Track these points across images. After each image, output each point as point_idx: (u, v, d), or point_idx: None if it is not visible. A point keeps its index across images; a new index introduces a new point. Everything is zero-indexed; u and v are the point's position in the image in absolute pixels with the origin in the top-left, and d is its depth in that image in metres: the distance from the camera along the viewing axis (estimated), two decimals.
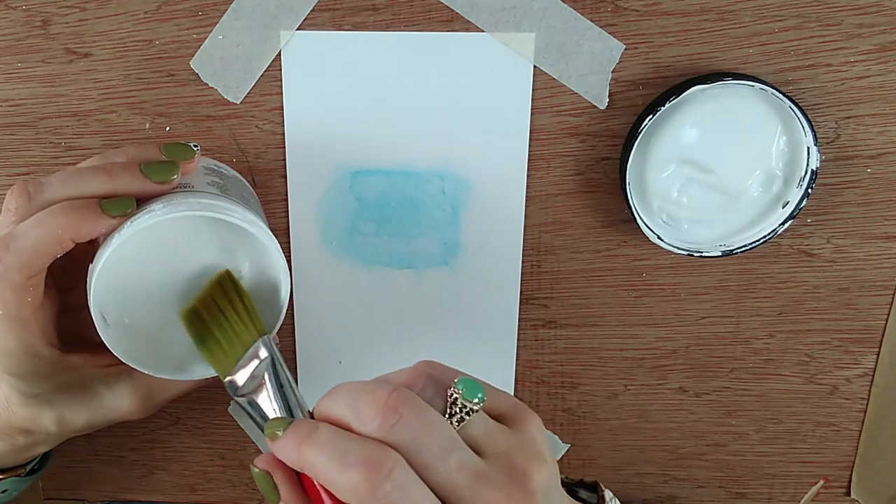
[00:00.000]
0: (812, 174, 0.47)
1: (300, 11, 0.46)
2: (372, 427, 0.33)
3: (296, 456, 0.34)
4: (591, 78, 0.47)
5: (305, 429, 0.34)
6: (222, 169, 0.47)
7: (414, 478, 0.32)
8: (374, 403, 0.33)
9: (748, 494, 0.59)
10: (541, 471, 0.34)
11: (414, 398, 0.34)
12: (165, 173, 0.41)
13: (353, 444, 0.32)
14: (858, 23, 0.46)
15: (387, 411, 0.33)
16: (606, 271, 0.52)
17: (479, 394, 0.35)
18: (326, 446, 0.33)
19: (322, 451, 0.33)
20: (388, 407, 0.33)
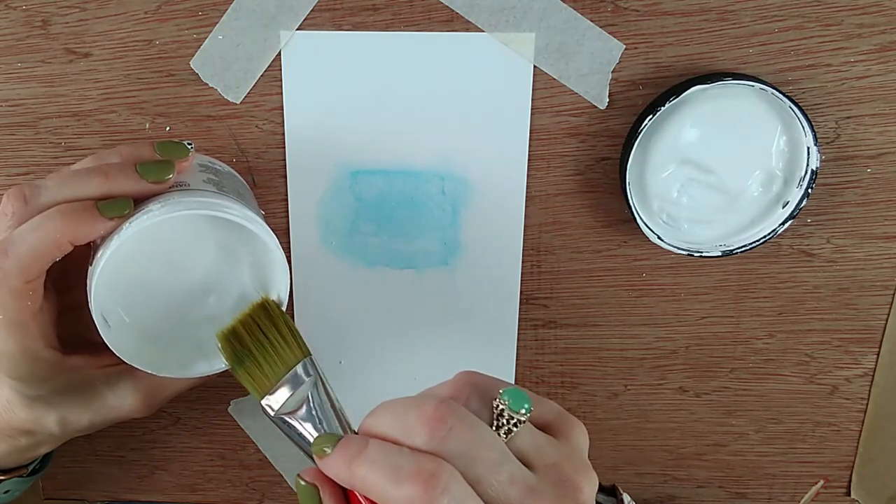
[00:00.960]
0: (812, 174, 0.47)
1: (300, 11, 0.46)
2: (421, 441, 0.32)
3: (346, 473, 0.33)
4: (591, 78, 0.47)
5: (356, 445, 0.33)
6: (216, 165, 0.47)
7: (469, 491, 0.31)
8: (422, 417, 0.32)
9: (748, 494, 0.59)
10: (589, 483, 0.34)
11: (461, 410, 0.33)
12: (161, 172, 0.41)
13: (405, 458, 0.31)
14: (858, 23, 0.46)
15: (435, 424, 0.32)
16: (606, 271, 0.52)
17: (525, 404, 0.34)
18: (379, 462, 0.32)
19: (374, 466, 0.32)
20: (436, 419, 0.32)
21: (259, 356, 0.40)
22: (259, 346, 0.40)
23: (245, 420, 0.57)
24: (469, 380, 0.35)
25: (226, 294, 0.44)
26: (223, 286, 0.44)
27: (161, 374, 0.42)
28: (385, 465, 0.31)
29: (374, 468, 0.32)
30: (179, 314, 0.42)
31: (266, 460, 0.58)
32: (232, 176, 0.47)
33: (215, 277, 0.43)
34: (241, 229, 0.41)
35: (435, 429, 0.32)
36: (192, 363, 0.43)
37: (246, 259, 0.43)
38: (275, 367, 0.40)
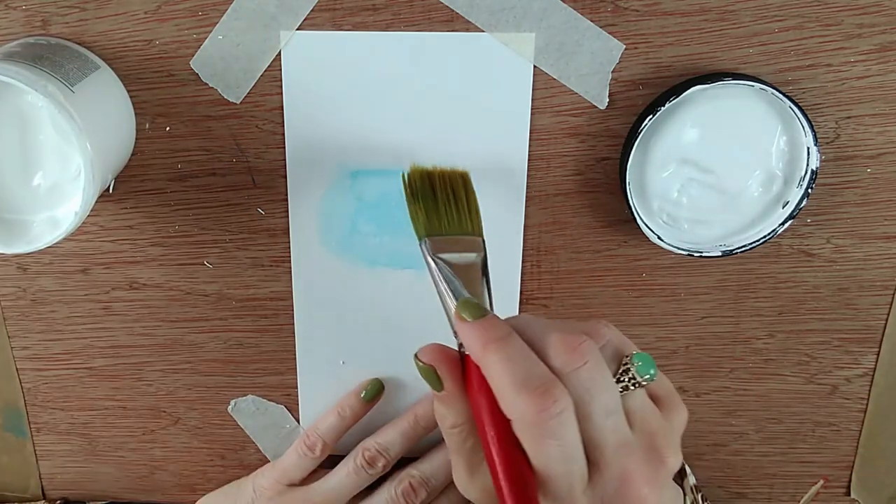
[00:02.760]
0: (812, 174, 0.47)
1: (300, 11, 0.46)
2: (557, 362, 0.34)
3: (479, 351, 0.35)
4: (591, 78, 0.47)
5: (500, 330, 0.35)
6: (42, 40, 0.47)
7: (574, 424, 0.34)
8: (566, 342, 0.35)
9: (748, 494, 0.59)
10: (675, 459, 0.36)
11: (598, 353, 0.35)
12: None
13: (537, 370, 0.34)
14: (858, 23, 0.46)
15: (575, 353, 0.34)
16: (606, 271, 0.52)
17: (651, 370, 0.36)
18: (513, 359, 0.34)
19: (507, 361, 0.34)
20: (577, 350, 0.34)
21: (442, 204, 0.43)
22: (445, 197, 0.43)
23: (245, 420, 0.57)
24: (610, 331, 0.37)
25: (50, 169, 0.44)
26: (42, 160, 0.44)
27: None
28: (517, 366, 0.34)
29: (506, 362, 0.34)
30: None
31: (266, 460, 0.58)
32: (40, 46, 0.46)
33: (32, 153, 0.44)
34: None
35: (572, 358, 0.34)
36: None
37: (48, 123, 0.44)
38: (451, 222, 0.42)
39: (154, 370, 0.56)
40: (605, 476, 0.35)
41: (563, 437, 0.33)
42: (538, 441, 0.33)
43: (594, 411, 0.34)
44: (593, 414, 0.34)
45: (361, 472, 0.53)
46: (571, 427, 0.34)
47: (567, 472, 0.34)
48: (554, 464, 0.33)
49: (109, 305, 0.54)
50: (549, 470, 0.34)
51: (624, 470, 0.34)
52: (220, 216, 0.51)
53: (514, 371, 0.34)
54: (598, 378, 0.35)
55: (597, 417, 0.34)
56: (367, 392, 0.54)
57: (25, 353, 0.56)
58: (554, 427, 0.33)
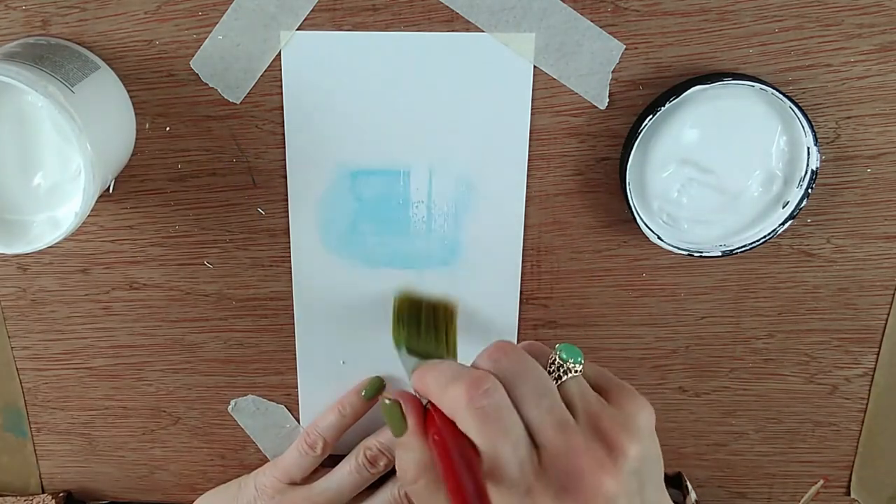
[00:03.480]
0: (812, 174, 0.47)
1: (300, 11, 0.46)
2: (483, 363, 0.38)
3: (419, 382, 0.40)
4: (591, 78, 0.47)
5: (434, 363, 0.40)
6: (42, 40, 0.47)
7: (508, 402, 0.36)
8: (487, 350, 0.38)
9: (748, 494, 0.59)
10: (632, 444, 0.36)
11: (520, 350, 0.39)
12: None
13: (463, 369, 0.38)
14: (858, 23, 0.46)
15: (494, 351, 0.38)
16: (606, 271, 0.52)
17: (578, 357, 0.38)
18: (442, 371, 0.38)
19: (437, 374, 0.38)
20: (497, 348, 0.38)
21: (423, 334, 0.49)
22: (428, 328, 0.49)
23: (245, 420, 0.57)
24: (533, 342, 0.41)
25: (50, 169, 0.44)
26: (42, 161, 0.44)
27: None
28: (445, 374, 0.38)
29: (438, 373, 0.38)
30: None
31: (266, 460, 0.58)
32: (39, 46, 0.46)
33: (34, 153, 0.44)
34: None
35: (492, 355, 0.38)
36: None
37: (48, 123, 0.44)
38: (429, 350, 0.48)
39: (154, 370, 0.56)
40: (553, 457, 0.35)
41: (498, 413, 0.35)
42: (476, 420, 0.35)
43: (526, 392, 0.36)
44: (525, 395, 0.36)
45: (363, 471, 0.53)
46: (505, 405, 0.36)
47: (513, 452, 0.35)
48: (499, 443, 0.35)
49: (109, 305, 0.54)
50: (495, 453, 0.35)
51: (569, 450, 0.35)
52: (220, 216, 0.51)
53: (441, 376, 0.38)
54: (524, 364, 0.37)
55: (530, 398, 0.36)
56: (368, 390, 0.54)
57: (25, 353, 0.56)
58: (486, 404, 0.35)
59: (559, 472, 0.35)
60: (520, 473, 0.35)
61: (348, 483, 0.54)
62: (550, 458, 0.35)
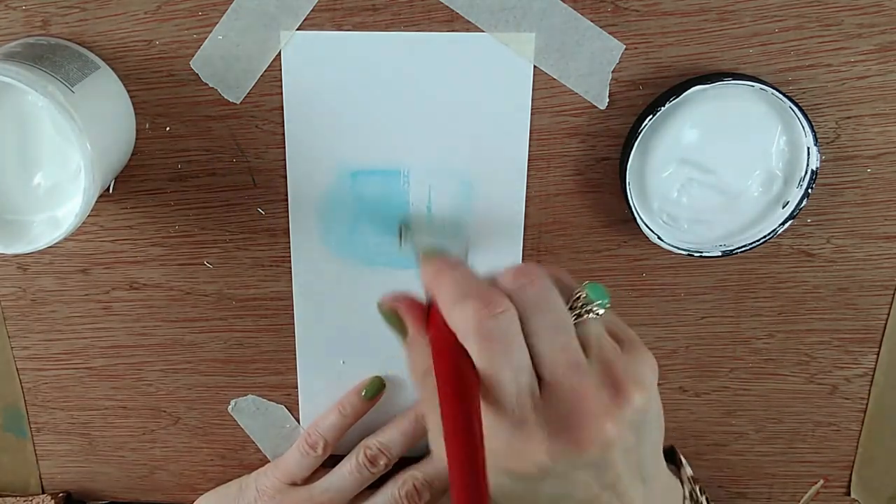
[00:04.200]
0: (812, 174, 0.47)
1: (300, 11, 0.46)
2: (505, 283, 0.35)
3: (432, 279, 0.36)
4: (591, 78, 0.47)
5: (452, 261, 0.37)
6: (42, 41, 0.47)
7: (517, 330, 0.34)
8: (515, 268, 0.36)
9: (748, 494, 0.59)
10: (639, 395, 0.35)
11: (547, 278, 0.36)
12: None
13: (479, 285, 0.35)
14: (858, 23, 0.46)
15: (520, 274, 0.35)
16: (606, 271, 0.52)
17: (604, 298, 0.36)
18: (459, 280, 0.35)
19: (453, 282, 0.35)
20: (522, 272, 0.35)
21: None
22: None
23: (245, 420, 0.57)
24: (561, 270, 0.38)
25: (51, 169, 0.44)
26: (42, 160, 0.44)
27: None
28: (460, 284, 0.35)
29: (452, 283, 0.35)
30: None
31: (266, 460, 0.58)
32: (41, 46, 0.46)
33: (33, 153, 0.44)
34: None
35: (518, 277, 0.35)
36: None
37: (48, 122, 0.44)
38: None
39: (154, 370, 0.56)
40: (557, 393, 0.34)
41: (505, 340, 0.33)
42: (480, 343, 0.33)
43: (542, 326, 0.34)
44: (541, 328, 0.34)
45: (363, 471, 0.53)
46: (514, 333, 0.33)
47: (513, 380, 0.33)
48: (498, 368, 0.33)
49: (109, 305, 0.54)
50: (494, 375, 0.33)
51: (576, 391, 0.33)
52: (220, 216, 0.51)
53: (457, 287, 0.35)
54: (546, 295, 0.35)
55: (544, 332, 0.34)
56: (368, 390, 0.54)
57: (25, 353, 0.56)
58: (494, 328, 0.33)
59: (560, 411, 0.33)
60: (516, 402, 0.33)
61: (349, 483, 0.54)
62: (554, 395, 0.34)
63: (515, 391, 0.33)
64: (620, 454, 0.34)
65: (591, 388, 0.34)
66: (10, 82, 0.40)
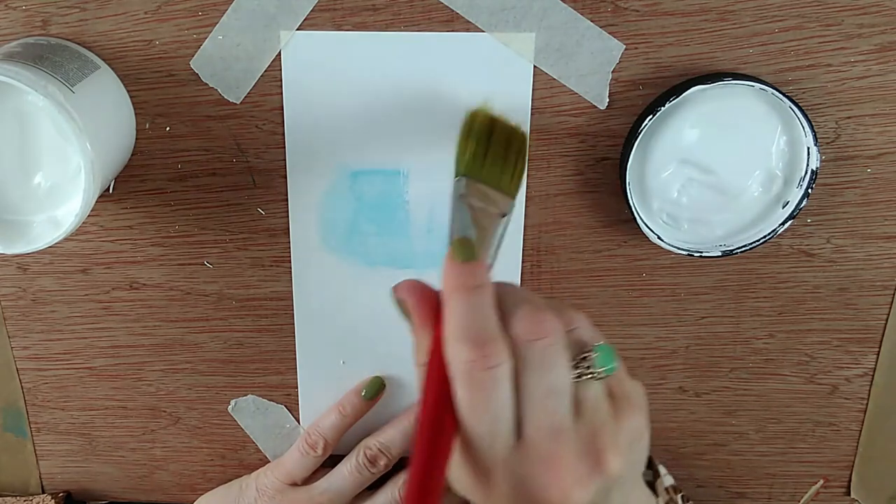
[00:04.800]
0: (812, 174, 0.47)
1: (300, 11, 0.46)
2: (516, 330, 0.34)
3: (448, 292, 0.35)
4: (591, 78, 0.47)
5: (476, 279, 0.35)
6: (42, 41, 0.47)
7: (507, 387, 0.33)
8: (532, 315, 0.34)
9: (748, 494, 0.59)
10: (619, 461, 0.34)
11: (561, 335, 0.34)
12: None
13: (489, 326, 0.34)
14: (858, 23, 0.46)
15: (536, 327, 0.34)
16: (606, 271, 0.52)
17: (610, 365, 0.35)
18: (471, 310, 0.34)
19: (465, 310, 0.34)
20: (540, 324, 0.34)
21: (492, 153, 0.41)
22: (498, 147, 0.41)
23: (245, 420, 0.57)
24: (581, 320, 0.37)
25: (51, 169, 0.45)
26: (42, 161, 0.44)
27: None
28: (471, 316, 0.34)
29: (463, 310, 0.34)
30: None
31: (266, 460, 0.58)
32: (40, 46, 0.46)
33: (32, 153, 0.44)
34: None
35: (531, 330, 0.34)
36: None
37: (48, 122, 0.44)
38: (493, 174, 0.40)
39: (154, 370, 0.56)
40: (531, 454, 0.33)
41: (490, 393, 0.33)
42: (466, 389, 0.33)
43: (536, 386, 0.33)
44: (534, 388, 0.33)
45: (363, 471, 0.53)
46: (503, 386, 0.33)
47: (490, 432, 0.33)
48: (477, 417, 0.33)
49: (109, 305, 0.54)
50: (471, 421, 0.33)
51: (552, 456, 0.33)
52: (220, 216, 0.51)
53: (465, 320, 0.34)
54: (551, 356, 0.34)
55: (536, 392, 0.33)
56: (368, 390, 0.54)
57: (25, 353, 0.56)
58: (483, 379, 0.33)
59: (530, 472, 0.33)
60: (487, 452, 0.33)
61: (349, 483, 0.54)
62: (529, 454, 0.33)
63: (489, 443, 0.33)
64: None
65: (569, 457, 0.33)
66: (10, 82, 0.40)
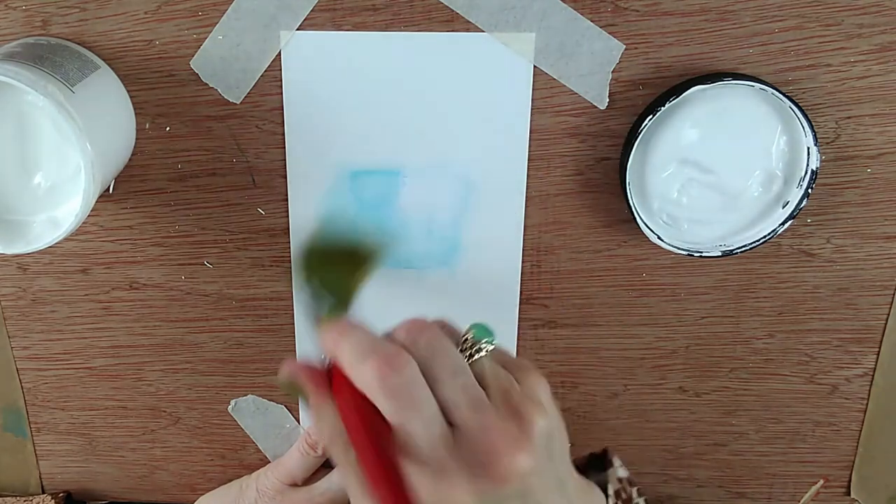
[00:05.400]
0: (812, 174, 0.47)
1: (300, 11, 0.46)
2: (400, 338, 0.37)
3: (333, 344, 0.38)
4: (591, 78, 0.47)
5: (349, 326, 0.39)
6: (42, 40, 0.47)
7: (422, 381, 0.36)
8: (407, 323, 0.38)
9: (748, 494, 0.59)
10: (540, 419, 0.36)
11: (436, 327, 0.38)
12: None
13: (378, 343, 0.37)
14: (858, 23, 0.46)
15: (412, 329, 0.38)
16: (606, 271, 0.52)
17: (489, 336, 0.39)
18: (359, 340, 0.37)
19: (353, 343, 0.37)
20: (414, 326, 0.38)
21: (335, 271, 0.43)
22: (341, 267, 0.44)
23: (245, 420, 0.57)
24: (443, 319, 0.41)
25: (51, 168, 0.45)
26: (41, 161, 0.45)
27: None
28: (361, 344, 0.37)
29: (353, 343, 0.37)
30: None
31: (266, 460, 0.58)
32: (40, 46, 0.46)
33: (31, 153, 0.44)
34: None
35: (410, 331, 0.38)
36: None
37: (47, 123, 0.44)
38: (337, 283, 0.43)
39: (154, 370, 0.56)
40: (468, 436, 0.35)
41: (411, 393, 0.35)
42: (388, 399, 0.35)
43: (440, 372, 0.36)
44: (440, 375, 0.36)
45: None
46: (419, 384, 0.35)
47: (425, 430, 0.35)
48: (409, 421, 0.35)
49: (109, 305, 0.54)
50: (406, 428, 0.35)
51: (484, 429, 0.35)
52: (220, 216, 0.51)
53: (358, 347, 0.37)
54: (439, 344, 0.37)
55: (444, 377, 0.36)
56: None
57: (25, 353, 0.56)
58: (399, 383, 0.35)
59: (474, 451, 0.35)
60: (432, 451, 0.35)
61: None
62: (465, 436, 0.35)
63: (429, 441, 0.35)
64: (538, 478, 0.35)
65: (497, 423, 0.35)
66: (10, 82, 0.40)
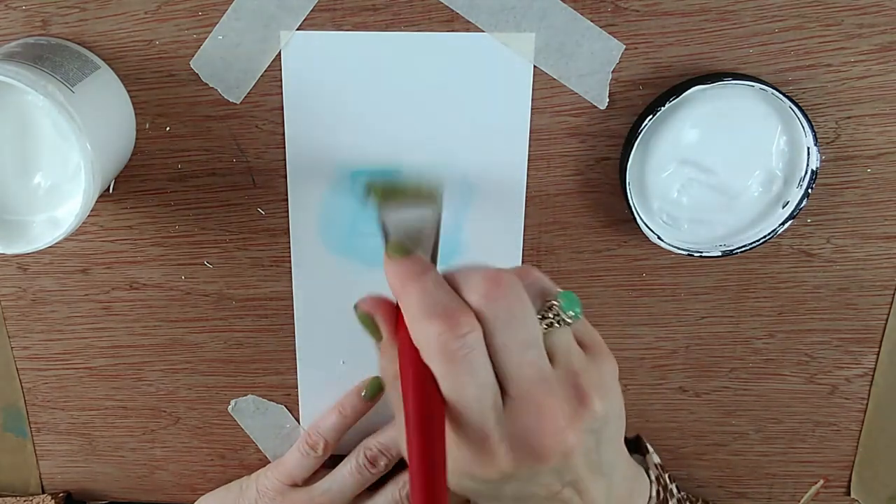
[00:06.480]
0: (812, 174, 0.47)
1: (300, 11, 0.46)
2: (474, 296, 0.34)
3: (399, 287, 0.36)
4: (591, 78, 0.47)
5: (419, 267, 0.36)
6: (42, 40, 0.47)
7: (482, 349, 0.34)
8: (486, 278, 0.35)
9: (748, 494, 0.59)
10: (603, 402, 0.35)
11: (521, 289, 0.35)
12: None
13: (446, 299, 0.34)
14: (859, 23, 0.46)
15: (492, 286, 0.34)
16: (606, 271, 0.52)
17: (576, 308, 0.36)
18: (427, 291, 0.35)
19: (421, 293, 0.34)
20: (495, 284, 0.34)
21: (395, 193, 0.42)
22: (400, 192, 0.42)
23: (245, 420, 0.57)
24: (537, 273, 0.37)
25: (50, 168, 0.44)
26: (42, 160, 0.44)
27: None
28: (428, 297, 0.34)
29: (419, 293, 0.34)
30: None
31: (266, 460, 0.58)
32: (40, 46, 0.46)
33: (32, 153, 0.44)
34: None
35: (489, 291, 0.34)
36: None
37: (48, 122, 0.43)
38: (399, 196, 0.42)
39: (154, 370, 0.56)
40: (521, 408, 0.34)
41: (469, 359, 0.33)
42: (444, 363, 0.33)
43: (509, 343, 0.34)
44: (508, 345, 0.34)
45: (363, 472, 0.53)
46: (479, 350, 0.33)
47: (477, 398, 0.33)
48: (461, 390, 0.33)
49: (109, 305, 0.54)
50: (458, 396, 0.33)
51: (541, 404, 0.34)
52: (220, 216, 0.51)
53: (424, 300, 0.34)
54: (517, 310, 0.34)
55: (512, 349, 0.34)
56: (368, 390, 0.54)
57: (25, 353, 0.56)
58: (458, 350, 0.33)
59: (524, 425, 0.34)
60: (479, 420, 0.34)
61: (349, 484, 0.54)
62: (518, 409, 0.34)
63: (478, 410, 0.34)
64: (581, 457, 0.35)
65: (556, 402, 0.34)
66: (10, 82, 0.40)
